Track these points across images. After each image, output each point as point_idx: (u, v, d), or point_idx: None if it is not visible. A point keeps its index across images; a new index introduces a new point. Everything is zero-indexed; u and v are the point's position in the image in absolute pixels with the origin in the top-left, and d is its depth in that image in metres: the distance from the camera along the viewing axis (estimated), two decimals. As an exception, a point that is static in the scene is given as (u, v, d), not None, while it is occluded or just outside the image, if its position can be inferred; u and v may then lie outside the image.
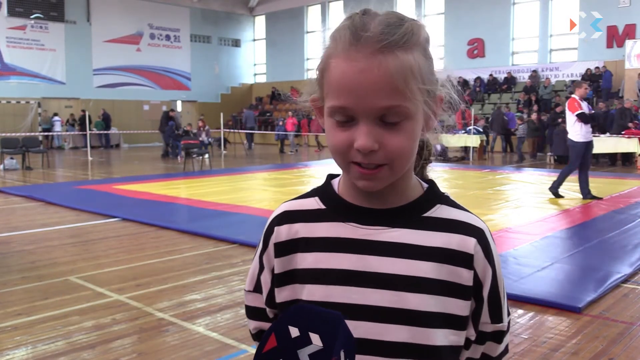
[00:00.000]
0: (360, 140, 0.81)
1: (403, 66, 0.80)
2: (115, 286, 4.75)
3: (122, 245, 6.32)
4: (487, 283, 0.90)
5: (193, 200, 9.32)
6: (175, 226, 7.17)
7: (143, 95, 27.88)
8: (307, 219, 0.94)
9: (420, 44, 0.83)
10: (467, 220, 0.91)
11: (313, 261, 0.91)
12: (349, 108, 0.82)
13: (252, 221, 7.52)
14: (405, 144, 0.83)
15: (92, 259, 5.67)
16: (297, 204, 0.98)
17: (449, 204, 0.94)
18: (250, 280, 1.02)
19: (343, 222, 0.92)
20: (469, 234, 0.90)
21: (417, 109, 0.83)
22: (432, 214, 0.91)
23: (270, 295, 0.97)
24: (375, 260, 0.88)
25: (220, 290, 4.66)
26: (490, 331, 0.93)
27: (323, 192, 0.97)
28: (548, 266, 5.11)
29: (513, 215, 7.79)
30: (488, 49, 23.58)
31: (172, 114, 19.86)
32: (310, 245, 0.92)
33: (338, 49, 0.83)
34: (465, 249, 0.89)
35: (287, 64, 30.23)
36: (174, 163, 17.32)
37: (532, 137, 17.35)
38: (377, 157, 0.82)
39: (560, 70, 22.02)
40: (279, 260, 0.94)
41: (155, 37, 28.34)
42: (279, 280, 0.95)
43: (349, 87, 0.81)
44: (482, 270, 0.90)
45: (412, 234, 0.89)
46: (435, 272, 0.87)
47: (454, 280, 0.88)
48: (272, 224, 0.98)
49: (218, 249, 6.06)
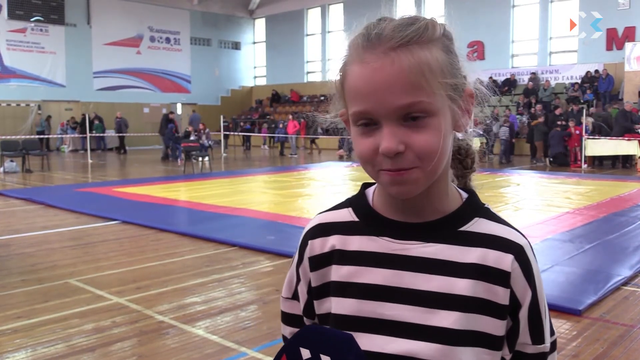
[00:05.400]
0: (384, 143, 0.79)
1: (419, 61, 0.78)
2: (115, 289, 4.75)
3: (122, 248, 6.31)
4: (526, 302, 0.87)
5: (193, 203, 9.31)
6: (175, 229, 7.16)
7: (143, 98, 27.91)
8: (341, 231, 0.93)
9: (438, 39, 0.82)
10: (506, 236, 0.88)
11: (346, 274, 0.90)
12: (369, 111, 0.80)
13: (252, 224, 7.52)
14: (432, 141, 0.79)
15: (92, 262, 5.66)
16: (331, 216, 0.96)
17: (488, 217, 0.90)
18: (289, 288, 1.01)
19: (377, 235, 0.90)
20: (507, 250, 0.86)
21: (441, 104, 0.80)
22: (469, 228, 0.88)
23: (308, 306, 0.96)
24: (409, 276, 0.86)
25: (221, 293, 4.65)
26: (531, 352, 0.89)
27: (357, 204, 0.95)
28: (548, 269, 5.10)
29: (513, 217, 7.77)
30: (488, 51, 23.60)
31: (172, 117, 19.87)
32: (345, 257, 0.91)
33: (353, 56, 0.82)
34: (501, 266, 0.85)
35: (287, 67, 30.29)
36: (174, 166, 17.33)
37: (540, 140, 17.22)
38: (406, 160, 0.80)
39: (560, 72, 22.03)
40: (315, 274, 0.94)
41: (156, 40, 28.37)
42: (317, 293, 0.94)
43: (366, 89, 0.79)
44: (521, 288, 0.86)
45: (447, 249, 0.86)
46: (470, 290, 0.85)
47: (489, 298, 0.85)
48: (306, 237, 0.96)
49: (218, 252, 6.05)
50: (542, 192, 10.35)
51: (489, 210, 0.91)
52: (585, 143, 15.59)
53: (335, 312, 0.90)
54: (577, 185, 11.46)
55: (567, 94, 20.67)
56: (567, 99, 20.04)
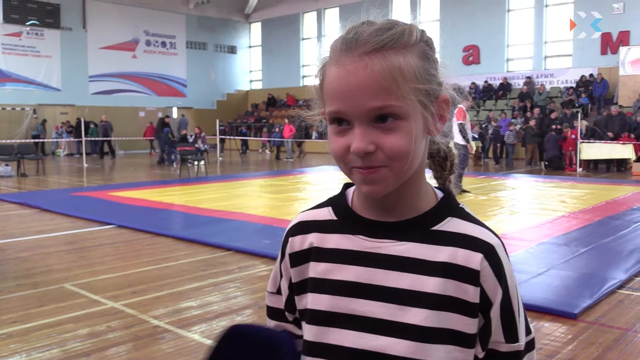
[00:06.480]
0: (355, 143, 0.82)
1: (391, 66, 0.81)
2: (111, 293, 4.74)
3: (117, 252, 6.30)
4: (497, 301, 0.88)
5: (189, 207, 9.30)
6: (171, 233, 7.15)
7: (139, 102, 27.88)
8: (319, 229, 0.96)
9: (415, 45, 0.84)
10: (477, 235, 0.89)
11: (322, 271, 0.93)
12: (342, 112, 0.83)
13: (248, 228, 7.51)
14: (402, 144, 0.82)
15: (87, 266, 5.65)
16: (312, 214, 1.00)
17: (461, 217, 0.91)
18: (273, 283, 1.04)
19: (352, 234, 0.93)
20: (476, 249, 0.87)
21: (412, 109, 0.83)
22: (441, 227, 0.90)
23: (289, 301, 0.99)
24: (381, 274, 0.89)
25: (216, 298, 4.64)
26: (505, 351, 0.90)
27: (336, 203, 0.98)
28: (543, 272, 5.11)
29: (508, 221, 7.80)
30: (483, 55, 23.68)
31: (167, 120, 19.87)
32: (321, 255, 0.94)
33: (332, 57, 0.86)
34: (470, 265, 0.87)
35: (283, 71, 30.31)
36: (170, 170, 17.31)
37: (531, 144, 17.33)
38: (376, 159, 0.82)
39: (555, 76, 22.11)
40: (294, 270, 0.97)
41: (151, 44, 28.36)
42: (297, 289, 0.97)
43: (341, 90, 0.82)
44: (491, 287, 0.87)
45: (419, 248, 0.88)
46: (440, 288, 0.86)
47: (460, 297, 0.87)
48: (287, 234, 1.01)
49: (214, 256, 6.04)
50: (538, 196, 10.36)
51: (464, 210, 0.93)
52: (580, 147, 15.66)
53: (311, 307, 0.93)
54: (572, 188, 11.49)
55: (562, 98, 20.74)
56: (562, 103, 20.11)
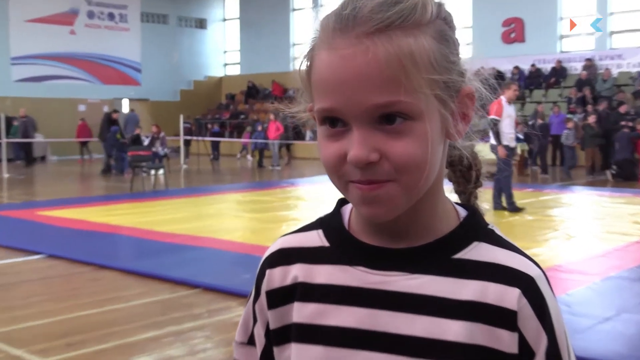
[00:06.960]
0: (353, 150, 0.81)
1: (400, 51, 0.80)
2: (38, 346, 4.70)
3: (48, 291, 6.28)
4: (540, 350, 0.86)
5: (143, 231, 9.29)
6: (120, 265, 7.14)
7: (78, 92, 27.98)
8: (306, 259, 0.96)
9: (429, 24, 0.83)
10: (512, 264, 0.88)
11: (311, 314, 0.92)
12: (336, 109, 0.82)
13: (222, 258, 7.50)
14: (414, 151, 0.81)
15: (6, 310, 5.61)
16: (296, 239, 0.99)
17: (491, 241, 0.91)
18: (244, 331, 1.03)
19: (350, 265, 0.92)
20: (512, 283, 0.87)
21: (427, 106, 0.82)
22: (466, 255, 0.89)
23: (266, 353, 0.98)
24: (389, 317, 0.88)
25: (179, 351, 4.62)
26: None
27: (328, 224, 0.98)
28: (613, 317, 5.11)
29: (564, 248, 7.82)
30: (529, 31, 23.83)
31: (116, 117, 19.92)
32: (309, 293, 0.93)
33: (322, 39, 0.85)
34: (504, 304, 0.86)
35: (268, 51, 30.43)
36: (119, 181, 17.31)
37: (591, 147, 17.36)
38: (380, 172, 0.81)
39: (623, 58, 22.24)
40: (273, 313, 0.96)
41: (95, 16, 28.51)
42: (277, 338, 0.96)
43: (333, 82, 0.82)
44: (533, 332, 0.86)
45: (437, 283, 0.88)
46: (466, 334, 0.85)
47: (492, 346, 0.86)
48: (263, 265, 0.99)
49: (176, 296, 6.03)
50: (603, 215, 10.38)
51: (494, 233, 0.93)
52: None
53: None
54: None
55: (635, 86, 20.84)
56: (634, 93, 20.21)
